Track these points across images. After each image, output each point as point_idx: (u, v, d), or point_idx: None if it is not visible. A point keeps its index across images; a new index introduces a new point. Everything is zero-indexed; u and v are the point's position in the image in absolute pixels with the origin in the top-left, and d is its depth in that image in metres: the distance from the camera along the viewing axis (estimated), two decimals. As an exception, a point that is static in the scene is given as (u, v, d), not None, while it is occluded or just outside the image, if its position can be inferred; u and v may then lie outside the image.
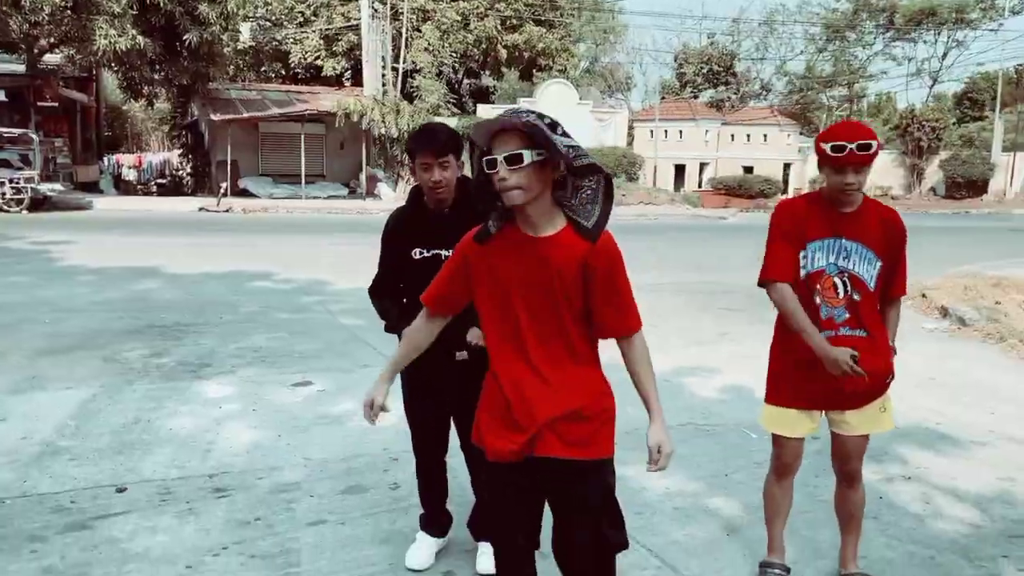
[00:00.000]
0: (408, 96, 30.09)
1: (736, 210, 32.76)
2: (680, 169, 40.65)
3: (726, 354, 7.07)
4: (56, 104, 26.70)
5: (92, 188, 27.27)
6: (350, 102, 26.57)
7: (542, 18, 36.66)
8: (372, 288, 3.24)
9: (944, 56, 46.71)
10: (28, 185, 19.97)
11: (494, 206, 2.15)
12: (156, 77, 25.88)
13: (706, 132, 41.11)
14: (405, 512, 3.70)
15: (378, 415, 2.42)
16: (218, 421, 4.90)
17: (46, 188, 20.73)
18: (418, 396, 3.21)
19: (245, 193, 26.28)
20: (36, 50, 23.73)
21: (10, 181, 19.83)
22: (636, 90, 56.86)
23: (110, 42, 21.57)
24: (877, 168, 43.51)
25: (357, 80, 33.04)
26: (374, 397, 2.42)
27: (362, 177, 28.05)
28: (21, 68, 24.70)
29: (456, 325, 3.01)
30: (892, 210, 2.98)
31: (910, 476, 4.39)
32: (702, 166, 41.69)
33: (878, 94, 53.07)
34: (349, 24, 31.73)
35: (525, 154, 2.04)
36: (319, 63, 32.88)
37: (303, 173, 26.29)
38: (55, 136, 26.61)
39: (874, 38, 46.71)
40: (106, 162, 35.05)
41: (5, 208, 19.68)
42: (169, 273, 10.68)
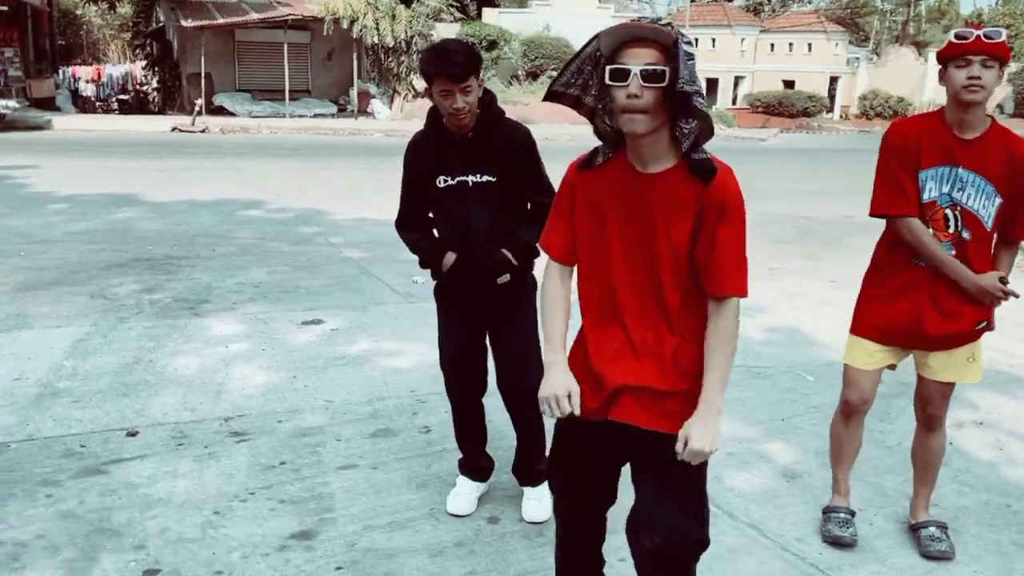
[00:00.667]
0: (405, -1, 29.59)
1: (777, 130, 32.54)
2: (712, 83, 40.19)
3: (775, 292, 7.19)
4: (4, 7, 26.36)
5: (48, 105, 27.12)
6: (339, 5, 26.18)
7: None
8: (399, 221, 3.35)
9: (1018, -49, 45.59)
10: (-21, 102, 19.93)
11: (607, 128, 2.10)
12: (118, -25, 25.53)
13: (742, 41, 40.51)
14: (440, 456, 3.86)
15: (576, 405, 2.19)
16: (226, 361, 5.06)
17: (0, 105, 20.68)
18: (454, 326, 3.33)
19: (221, 111, 26.15)
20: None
21: (-41, 97, 19.80)
22: (662, -8, 55.66)
23: (65, -64, 21.20)
24: (936, 83, 42.31)
25: (345, -20, 32.49)
26: (569, 387, 2.17)
27: (353, 93, 27.84)
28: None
29: (495, 245, 3.14)
30: (1020, 139, 2.96)
31: (981, 421, 4.54)
32: (737, 80, 41.20)
33: (939, -5, 52.00)
34: (336, -85, 30.99)
35: (667, 73, 1.94)
36: (301, -40, 32.26)
37: (287, 88, 26.09)
38: (5, 46, 26.37)
39: (937, -69, 45.57)
40: (61, 75, 34.76)
41: (-45, 128, 19.69)
42: (149, 201, 10.77)
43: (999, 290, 2.92)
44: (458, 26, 29.90)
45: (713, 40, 40.22)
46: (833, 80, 40.43)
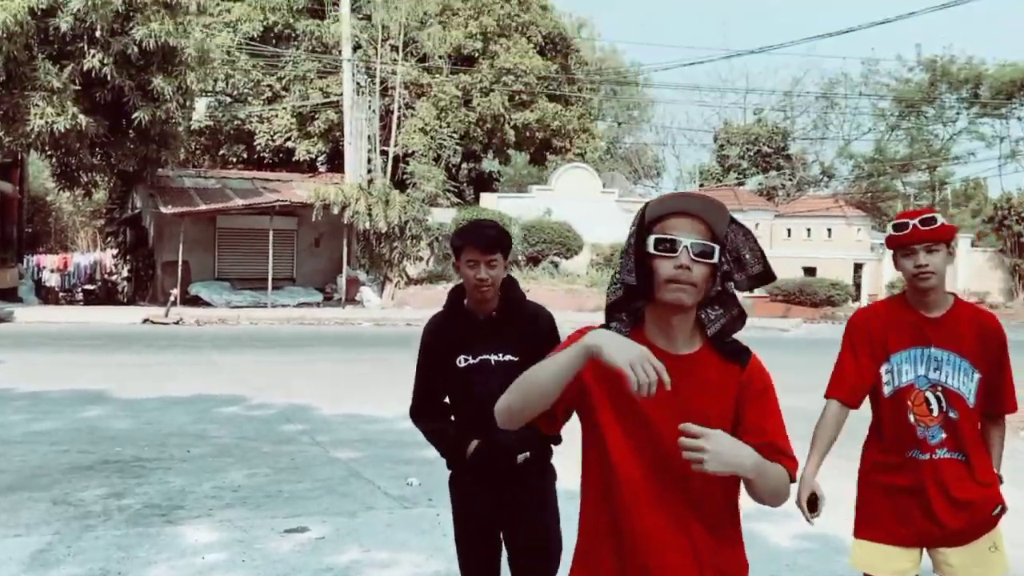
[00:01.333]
0: (399, 184, 31.08)
1: (800, 320, 33.14)
2: (727, 270, 41.22)
3: (794, 495, 7.21)
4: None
5: (10, 296, 27.83)
6: (330, 191, 27.44)
7: (557, 93, 38.26)
8: (415, 409, 3.52)
9: (1043, 134, 47.97)
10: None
11: (632, 300, 2.19)
12: (96, 162, 26.87)
13: (756, 225, 41.88)
14: None
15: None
16: (202, 573, 5.06)
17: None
18: (475, 545, 3.44)
19: (197, 301, 26.81)
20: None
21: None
22: (668, 175, 58.42)
23: (47, 122, 22.58)
24: (970, 269, 44.20)
25: (335, 166, 34.23)
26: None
27: (341, 280, 28.66)
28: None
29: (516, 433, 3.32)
30: (987, 312, 3.27)
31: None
32: (754, 267, 42.24)
33: (965, 180, 54.31)
34: (328, 100, 33.12)
35: (716, 251, 2.12)
36: (290, 145, 34.14)
37: (270, 276, 26.89)
38: (-31, 234, 27.39)
39: (956, 113, 48.27)
40: (26, 264, 35.87)
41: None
42: (118, 398, 10.94)
43: (802, 510, 3.07)
44: (454, 211, 31.20)
45: (726, 225, 41.68)
46: (858, 267, 41.54)
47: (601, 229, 31.84)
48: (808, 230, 41.84)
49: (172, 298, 24.38)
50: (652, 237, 2.12)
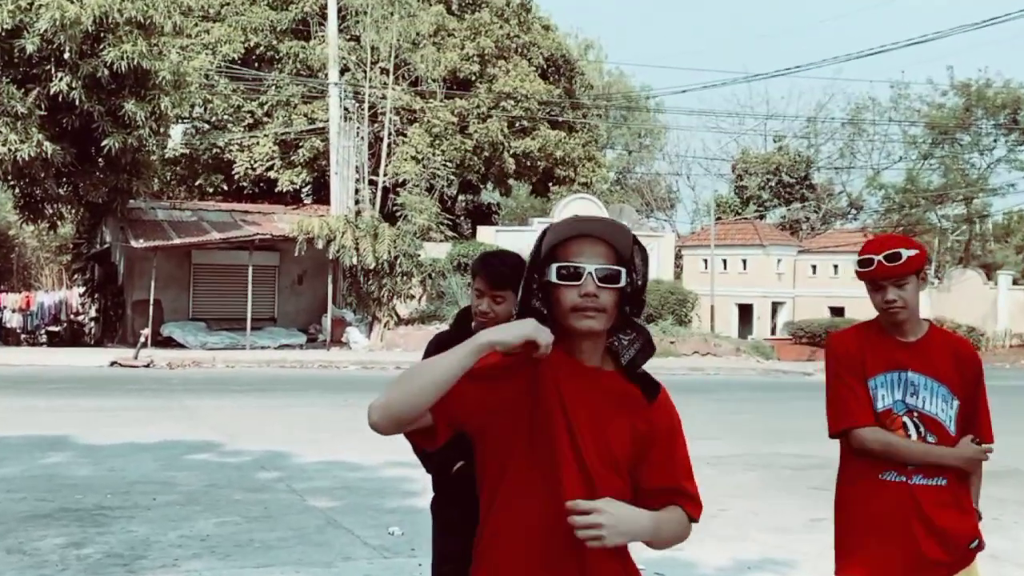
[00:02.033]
0: (390, 216, 31.28)
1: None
2: (745, 310, 41.45)
3: (817, 546, 7.27)
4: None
5: (-32, 337, 28.03)
6: (314, 224, 27.64)
7: (560, 119, 38.63)
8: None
9: (1090, 162, 48.13)
10: None
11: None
12: (63, 193, 27.15)
13: (778, 262, 42.19)
14: None
15: None
16: (164, 625, 5.16)
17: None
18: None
19: (170, 343, 26.95)
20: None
21: None
22: (682, 208, 58.79)
23: (10, 149, 22.88)
24: (1012, 308, 44.20)
25: (320, 197, 34.51)
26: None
27: (326, 320, 28.79)
28: None
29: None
30: (964, 340, 3.47)
31: None
32: (775, 306, 42.43)
33: (1007, 212, 54.59)
34: (313, 127, 33.46)
35: (623, 274, 2.20)
36: (272, 175, 34.40)
37: (249, 316, 27.03)
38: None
39: (994, 140, 48.55)
40: (-14, 304, 36.10)
41: None
42: (81, 443, 11.04)
43: (982, 452, 3.25)
44: (449, 245, 31.41)
45: (744, 261, 41.91)
46: (888, 306, 41.64)
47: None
48: (835, 267, 41.94)
49: (143, 339, 24.53)
50: (554, 265, 2.19)
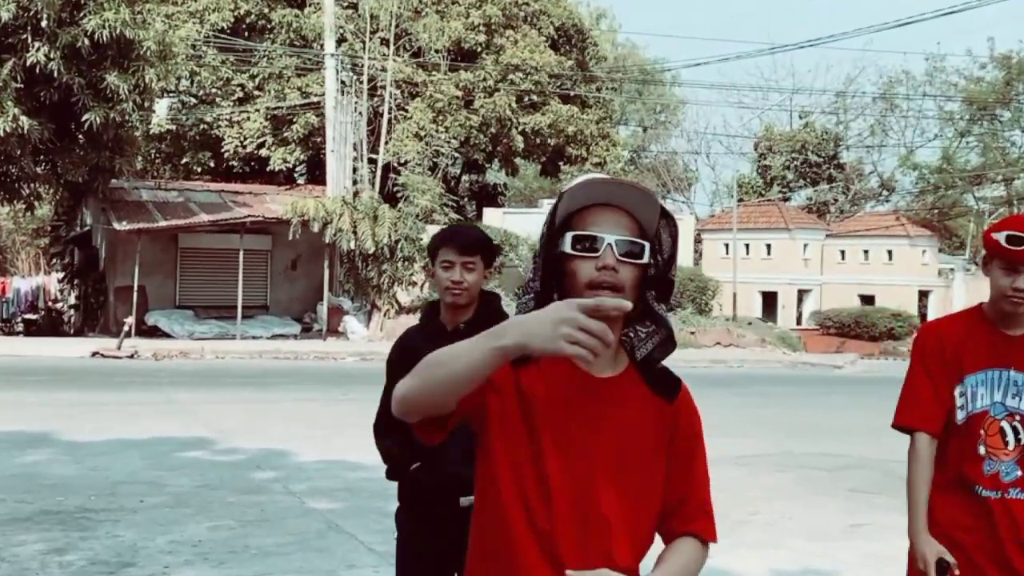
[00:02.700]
0: (390, 197, 31.19)
1: (855, 356, 33.12)
2: (769, 297, 41.36)
3: (857, 554, 7.22)
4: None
5: (-60, 326, 28.06)
6: (309, 205, 27.55)
7: (572, 93, 38.47)
8: (376, 425, 3.70)
9: None
10: None
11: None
12: (40, 171, 27.07)
13: (804, 247, 42.09)
14: None
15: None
16: (155, 639, 5.08)
17: None
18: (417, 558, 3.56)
19: (155, 332, 26.92)
20: None
21: None
22: (701, 189, 58.73)
23: (-18, 125, 22.79)
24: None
25: (315, 177, 34.40)
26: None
27: (321, 309, 28.73)
28: None
29: (465, 463, 3.37)
30: None
31: None
32: (801, 294, 42.35)
33: (1048, 194, 54.37)
34: (308, 101, 33.35)
35: (646, 249, 2.03)
36: (264, 153, 34.32)
37: (239, 304, 26.97)
38: None
39: (1036, 117, 48.40)
40: (-42, 290, 36.13)
41: None
42: (62, 441, 10.99)
43: (928, 569, 3.06)
44: (453, 229, 31.30)
45: (768, 246, 41.80)
46: (923, 294, 41.53)
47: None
48: (865, 252, 41.86)
49: (126, 328, 24.47)
50: (569, 234, 2.03)
